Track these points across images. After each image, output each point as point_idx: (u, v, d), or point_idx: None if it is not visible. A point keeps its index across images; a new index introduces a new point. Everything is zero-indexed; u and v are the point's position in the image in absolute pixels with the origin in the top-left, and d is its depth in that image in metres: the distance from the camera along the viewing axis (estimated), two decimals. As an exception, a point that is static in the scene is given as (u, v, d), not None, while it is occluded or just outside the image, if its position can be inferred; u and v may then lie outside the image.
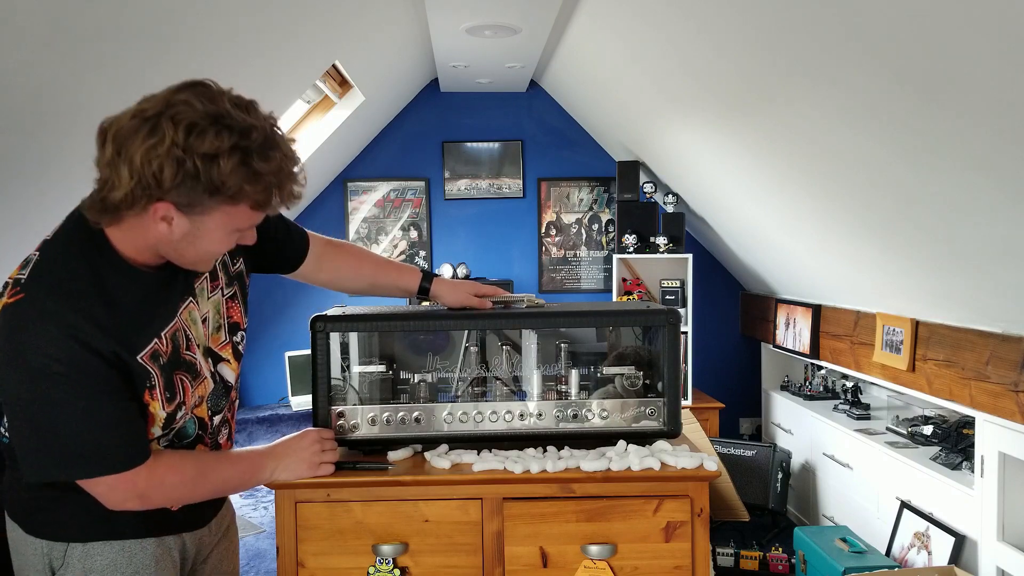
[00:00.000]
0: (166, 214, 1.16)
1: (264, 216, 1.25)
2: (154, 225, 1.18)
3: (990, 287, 2.20)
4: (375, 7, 2.96)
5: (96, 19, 1.62)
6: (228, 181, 1.13)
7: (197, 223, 1.18)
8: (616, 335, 1.66)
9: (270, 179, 1.17)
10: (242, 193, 1.15)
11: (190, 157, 1.11)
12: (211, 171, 1.12)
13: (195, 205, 1.16)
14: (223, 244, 1.25)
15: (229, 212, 1.19)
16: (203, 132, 1.11)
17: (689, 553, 1.40)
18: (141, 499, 1.24)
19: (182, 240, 1.20)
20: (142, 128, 1.12)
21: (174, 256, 1.24)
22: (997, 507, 2.31)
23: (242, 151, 1.13)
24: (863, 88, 1.92)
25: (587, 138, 4.76)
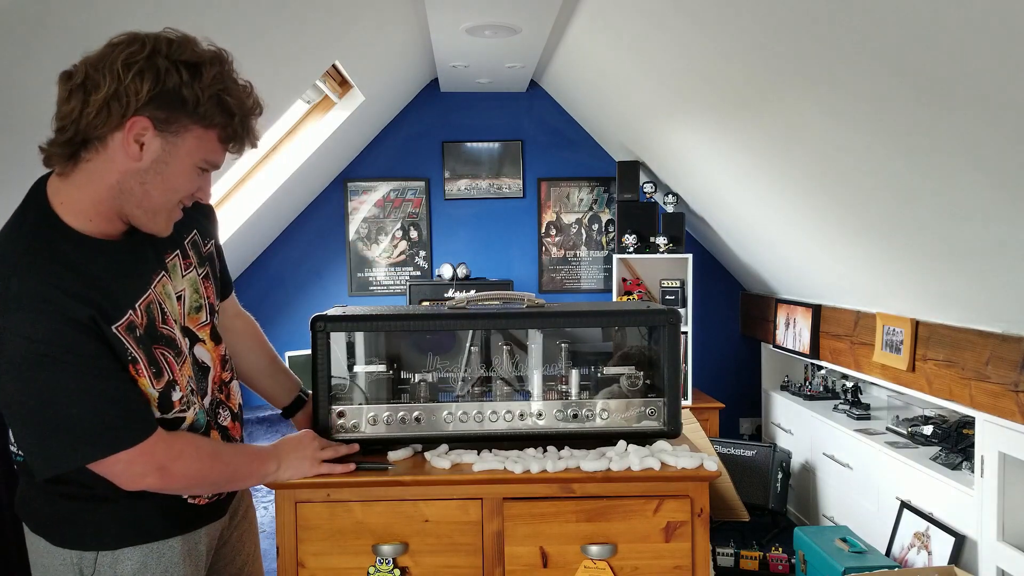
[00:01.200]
0: (140, 133, 1.12)
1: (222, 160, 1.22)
2: (123, 154, 1.12)
3: (990, 287, 2.20)
4: (375, 7, 2.96)
5: (95, 19, 1.62)
6: (207, 92, 1.12)
7: (170, 146, 1.14)
8: (622, 335, 1.66)
9: (245, 101, 1.18)
10: (217, 112, 1.15)
11: (174, 65, 1.10)
12: (194, 81, 1.12)
13: (172, 122, 1.13)
14: (189, 181, 1.20)
15: (201, 137, 1.16)
16: (182, 44, 1.13)
17: (689, 553, 1.40)
18: (161, 472, 1.20)
19: (151, 169, 1.15)
20: (118, 46, 1.11)
21: (136, 199, 1.17)
22: (997, 507, 2.31)
23: (220, 66, 1.15)
24: (863, 88, 1.92)
25: (587, 138, 4.76)
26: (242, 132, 1.20)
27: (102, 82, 1.09)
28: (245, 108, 1.19)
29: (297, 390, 1.68)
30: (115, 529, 1.26)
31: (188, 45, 1.14)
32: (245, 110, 1.19)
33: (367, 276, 4.74)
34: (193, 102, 1.12)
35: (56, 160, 1.15)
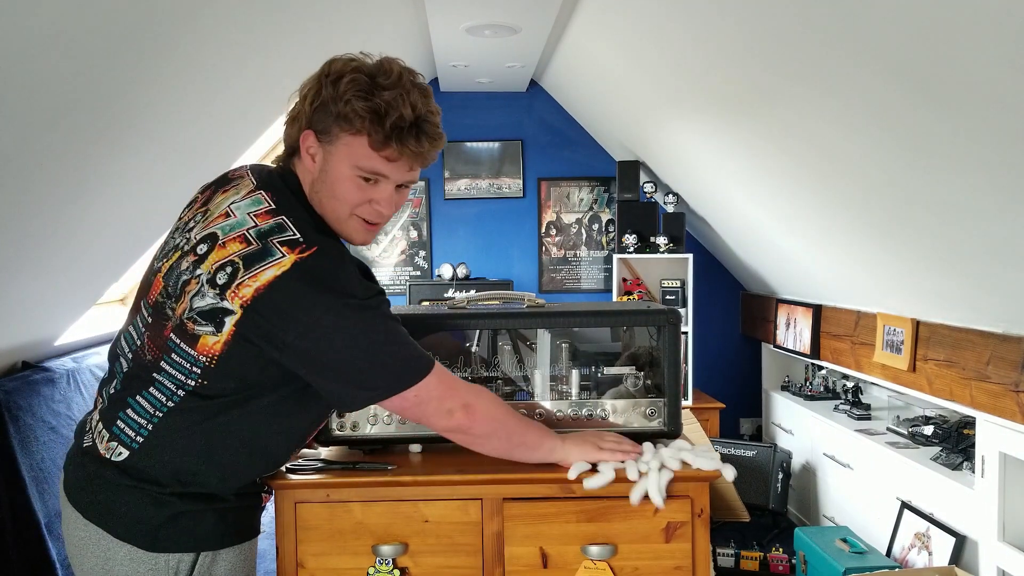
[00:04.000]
0: (310, 145, 1.27)
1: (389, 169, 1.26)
2: (304, 163, 1.29)
3: (990, 287, 2.20)
4: (375, 7, 2.96)
5: (93, 22, 1.62)
6: (344, 97, 1.22)
7: (328, 154, 1.26)
8: (630, 335, 1.65)
9: (383, 108, 1.22)
10: (356, 116, 1.22)
11: (325, 82, 1.25)
12: (335, 88, 1.23)
13: (326, 132, 1.25)
14: (349, 188, 1.27)
15: (349, 143, 1.25)
16: (344, 64, 1.26)
17: (689, 553, 1.40)
18: (467, 410, 1.29)
19: (320, 178, 1.28)
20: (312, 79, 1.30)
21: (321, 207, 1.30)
22: (997, 507, 2.31)
23: (366, 76, 1.24)
24: (863, 89, 1.92)
25: (587, 138, 4.75)
26: (393, 138, 1.23)
27: (293, 106, 1.31)
28: (387, 112, 1.23)
29: None
30: (219, 529, 1.29)
31: (347, 62, 1.26)
32: (393, 116, 1.23)
33: (367, 276, 4.74)
34: (336, 110, 1.23)
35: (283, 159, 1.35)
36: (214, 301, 1.20)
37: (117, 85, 1.87)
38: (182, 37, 1.97)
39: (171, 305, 1.25)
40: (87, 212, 2.16)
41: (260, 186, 1.30)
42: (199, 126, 2.38)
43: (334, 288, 1.20)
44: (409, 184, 1.33)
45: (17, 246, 2.00)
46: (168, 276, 1.27)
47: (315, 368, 1.22)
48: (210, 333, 1.21)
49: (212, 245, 1.24)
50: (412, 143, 1.25)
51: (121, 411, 1.27)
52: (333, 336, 1.20)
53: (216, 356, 1.21)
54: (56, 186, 1.96)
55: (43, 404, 2.34)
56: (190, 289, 1.23)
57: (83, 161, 1.98)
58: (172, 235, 1.36)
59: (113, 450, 1.26)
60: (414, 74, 1.30)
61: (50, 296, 2.35)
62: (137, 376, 1.27)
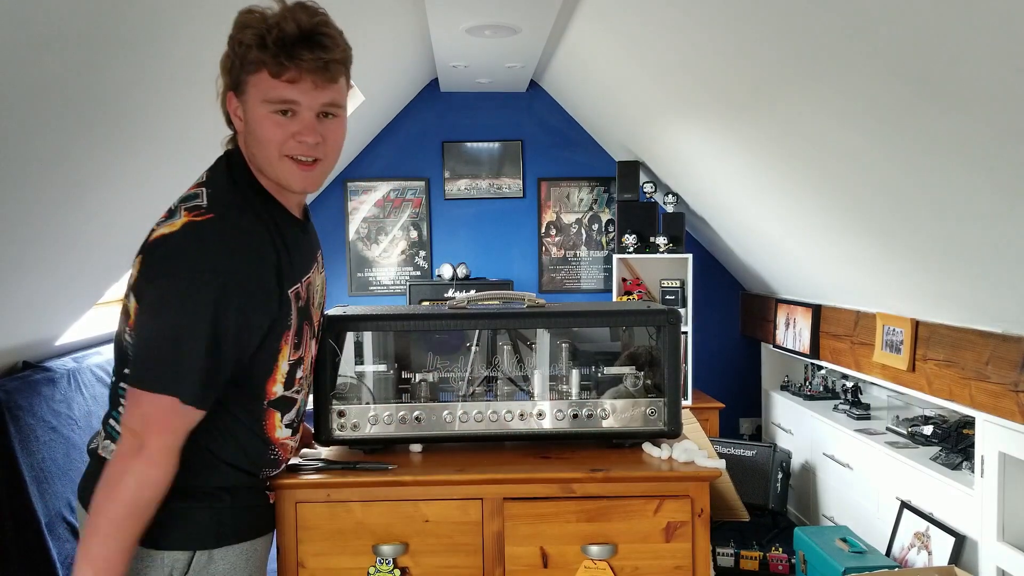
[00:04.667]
0: (235, 106, 1.28)
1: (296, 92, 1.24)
2: (238, 129, 1.30)
3: (990, 287, 2.20)
4: (375, 7, 2.96)
5: (90, 20, 1.62)
6: (241, 43, 1.23)
7: (244, 104, 1.27)
8: (629, 335, 1.66)
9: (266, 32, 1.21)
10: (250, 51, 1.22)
11: (232, 41, 1.26)
12: (234, 43, 1.25)
13: (238, 84, 1.26)
14: (269, 128, 1.25)
15: (256, 84, 1.24)
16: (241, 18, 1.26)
17: (689, 553, 1.40)
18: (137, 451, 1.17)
19: (247, 131, 1.28)
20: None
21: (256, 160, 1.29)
22: (997, 507, 2.31)
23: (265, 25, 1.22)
24: (863, 89, 1.92)
25: (587, 138, 4.75)
26: (283, 56, 1.21)
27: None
28: (275, 31, 1.21)
29: None
30: (216, 528, 1.28)
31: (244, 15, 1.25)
32: (275, 33, 1.21)
33: (367, 276, 4.74)
34: (238, 59, 1.24)
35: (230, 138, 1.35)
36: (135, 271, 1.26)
37: (117, 86, 1.87)
38: (182, 37, 1.97)
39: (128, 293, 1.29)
40: (88, 213, 2.16)
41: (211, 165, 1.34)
42: (199, 126, 2.39)
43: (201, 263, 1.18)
44: (330, 110, 1.28)
45: (18, 246, 2.00)
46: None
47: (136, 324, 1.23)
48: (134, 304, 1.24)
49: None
50: (306, 55, 1.21)
51: (114, 409, 1.29)
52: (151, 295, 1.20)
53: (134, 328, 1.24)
54: (57, 186, 1.96)
55: (44, 404, 2.34)
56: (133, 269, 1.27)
57: (84, 162, 1.98)
58: None
59: (107, 448, 1.27)
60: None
61: (51, 296, 2.35)
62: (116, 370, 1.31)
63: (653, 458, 1.48)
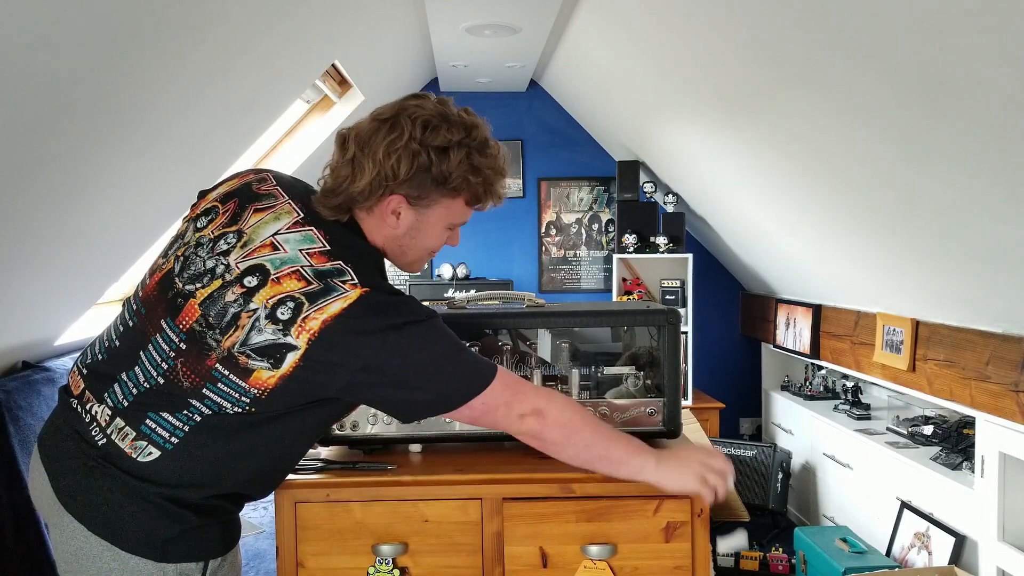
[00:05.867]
0: (397, 207, 1.29)
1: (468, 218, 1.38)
2: (384, 220, 1.31)
3: (990, 287, 2.20)
4: (375, 7, 2.96)
5: (89, 23, 1.62)
6: (454, 172, 1.27)
7: (421, 216, 1.31)
8: (630, 335, 1.65)
9: (488, 173, 1.31)
10: (464, 185, 1.29)
11: (425, 150, 1.26)
12: (442, 163, 1.26)
13: (423, 197, 1.29)
14: (438, 239, 1.37)
15: (448, 206, 1.32)
16: (436, 128, 1.26)
17: (689, 553, 1.40)
18: (537, 416, 1.28)
19: (406, 234, 1.33)
20: (382, 128, 1.28)
21: (396, 254, 1.37)
22: (997, 507, 2.31)
23: (467, 146, 1.28)
24: (863, 89, 1.92)
25: (587, 138, 4.75)
26: (487, 195, 1.35)
27: (368, 167, 1.27)
28: (494, 172, 1.33)
29: None
30: (225, 537, 1.31)
31: (441, 128, 1.27)
32: (494, 174, 1.33)
33: (367, 276, 4.74)
34: (440, 180, 1.28)
35: (327, 209, 1.31)
36: (274, 337, 1.19)
37: (117, 86, 1.87)
38: (182, 37, 1.97)
39: (214, 336, 1.21)
40: (87, 213, 2.16)
41: (309, 220, 1.30)
42: (200, 126, 2.39)
43: (400, 311, 1.23)
44: None
45: (18, 246, 2.00)
46: (207, 305, 1.23)
47: (384, 383, 1.23)
48: (266, 368, 1.19)
49: (264, 279, 1.22)
50: (500, 191, 1.37)
51: (152, 412, 1.23)
52: (404, 350, 1.22)
53: (268, 389, 1.20)
54: (57, 187, 1.96)
55: (43, 404, 2.34)
56: (243, 323, 1.20)
57: (84, 162, 1.98)
58: (192, 248, 1.30)
59: (142, 450, 1.22)
60: (485, 123, 1.35)
61: (50, 296, 2.35)
62: (170, 395, 1.23)
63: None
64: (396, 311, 1.23)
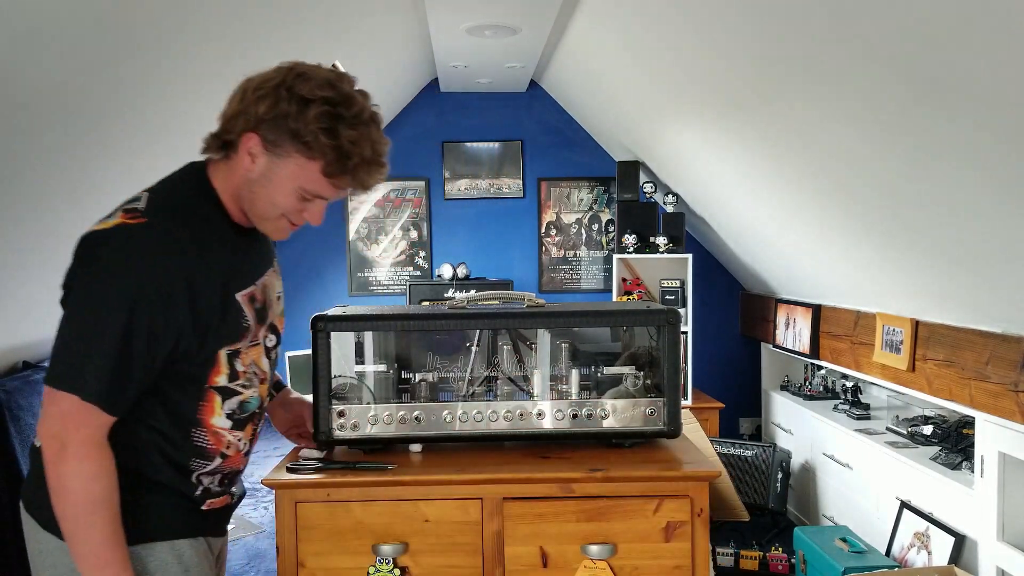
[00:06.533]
0: (253, 147, 1.27)
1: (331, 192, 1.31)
2: (241, 160, 1.28)
3: (990, 287, 2.20)
4: (375, 7, 2.96)
5: (93, 22, 1.62)
6: (309, 127, 1.23)
7: (273, 165, 1.28)
8: (630, 335, 1.66)
9: (346, 145, 1.25)
10: (317, 146, 1.24)
11: (288, 96, 1.24)
12: (299, 114, 1.23)
13: (277, 145, 1.26)
14: (288, 199, 1.30)
15: (302, 166, 1.27)
16: (308, 80, 1.25)
17: (689, 553, 1.40)
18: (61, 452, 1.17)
19: (258, 180, 1.29)
20: (270, 72, 1.29)
21: (248, 202, 1.32)
22: (997, 507, 2.31)
23: (333, 109, 1.24)
24: (863, 89, 1.92)
25: (587, 138, 4.75)
26: (343, 171, 1.28)
27: (238, 99, 1.28)
28: (359, 151, 1.26)
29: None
30: (144, 524, 1.27)
31: (312, 82, 1.25)
32: (358, 152, 1.26)
33: (367, 276, 4.74)
34: (295, 132, 1.24)
35: (210, 150, 1.33)
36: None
37: (117, 86, 1.87)
38: (182, 38, 1.97)
39: None
40: (87, 213, 2.16)
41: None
42: (200, 126, 2.39)
43: (123, 264, 1.20)
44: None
45: (18, 246, 2.00)
46: None
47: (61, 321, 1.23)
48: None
49: None
50: (364, 178, 1.30)
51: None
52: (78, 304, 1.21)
53: None
54: (57, 187, 1.96)
55: (43, 404, 2.34)
56: None
57: (83, 161, 1.98)
58: None
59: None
60: (375, 109, 1.32)
61: (50, 296, 2.35)
62: None
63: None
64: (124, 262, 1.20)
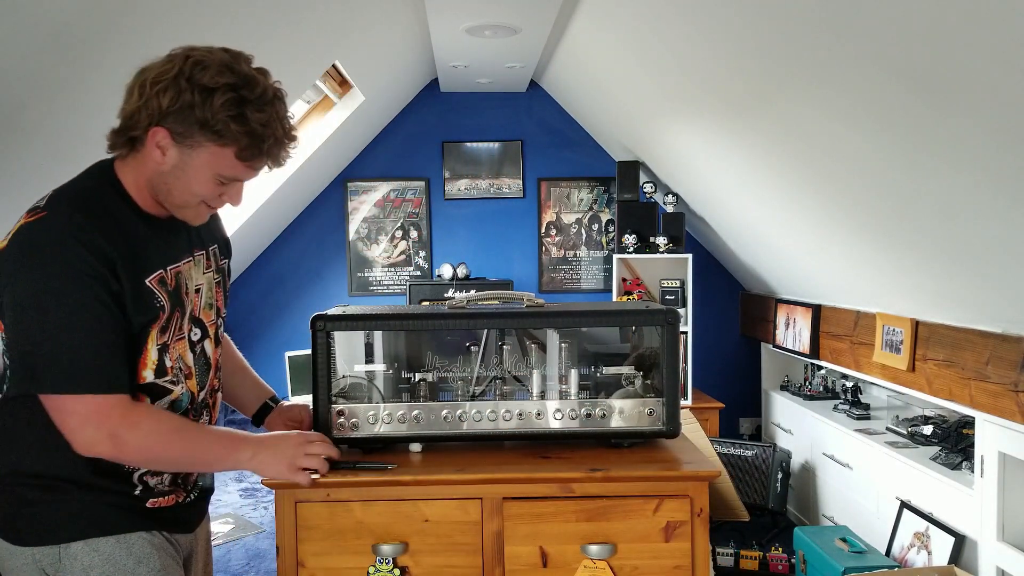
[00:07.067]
0: (161, 141, 1.25)
1: (249, 174, 1.31)
2: (151, 153, 1.26)
3: (990, 287, 2.20)
4: (375, 7, 2.96)
5: (90, 20, 1.62)
6: (217, 116, 1.22)
7: (186, 156, 1.26)
8: (638, 336, 1.65)
9: (257, 128, 1.25)
10: (228, 134, 1.23)
11: (190, 87, 1.22)
12: (205, 103, 1.21)
13: (187, 136, 1.24)
14: (206, 187, 1.30)
15: (216, 153, 1.26)
16: (207, 68, 1.22)
17: (689, 553, 1.40)
18: (113, 441, 1.22)
19: (171, 172, 1.27)
20: (159, 64, 1.26)
21: (164, 193, 1.30)
22: (997, 507, 2.31)
23: (238, 94, 1.23)
24: (863, 89, 1.92)
25: (587, 138, 4.76)
26: (258, 154, 1.28)
27: (137, 94, 1.25)
28: (269, 131, 1.26)
29: (266, 398, 1.69)
30: (75, 523, 1.26)
31: (211, 70, 1.22)
32: (269, 133, 1.26)
33: (367, 276, 4.74)
34: (203, 122, 1.23)
35: (116, 148, 1.30)
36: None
37: (117, 86, 1.87)
38: (183, 37, 1.97)
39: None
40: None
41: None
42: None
43: (44, 262, 1.18)
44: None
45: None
46: None
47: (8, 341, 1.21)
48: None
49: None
50: (279, 155, 1.31)
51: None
52: (26, 311, 1.18)
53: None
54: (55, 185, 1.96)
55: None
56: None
57: (83, 161, 1.98)
58: None
59: None
60: (277, 85, 1.31)
61: None
62: None
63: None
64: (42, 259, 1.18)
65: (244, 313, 4.63)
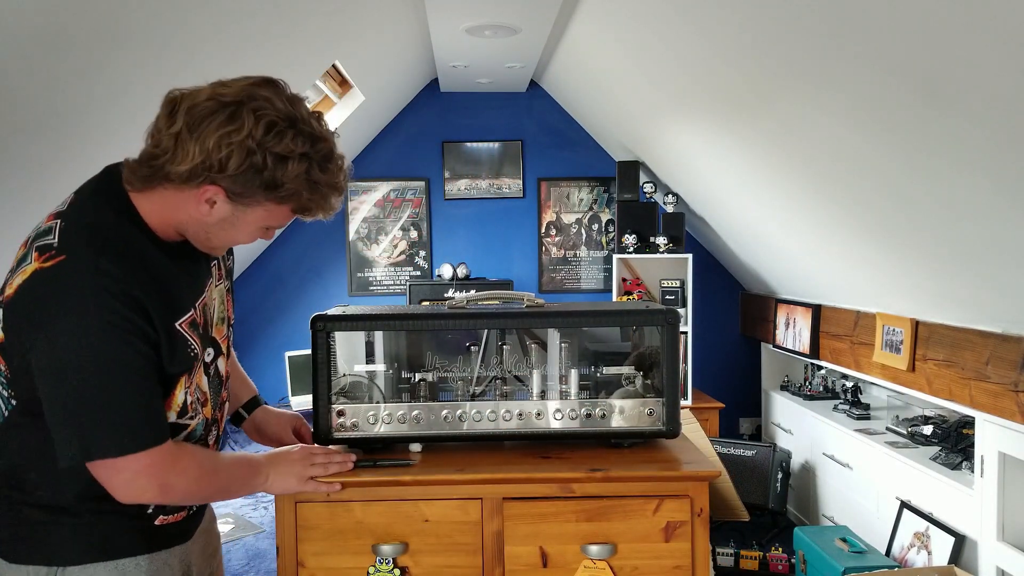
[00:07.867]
0: (212, 197, 1.18)
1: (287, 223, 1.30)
2: (194, 204, 1.19)
3: (990, 287, 2.20)
4: (375, 7, 2.96)
5: (93, 19, 1.62)
6: (288, 183, 1.18)
7: (239, 212, 1.22)
8: (640, 335, 1.65)
9: (324, 190, 1.23)
10: (295, 197, 1.21)
11: (262, 153, 1.15)
12: (276, 170, 1.16)
13: (246, 196, 1.19)
14: (252, 237, 1.28)
15: (271, 210, 1.23)
16: (281, 133, 1.16)
17: (689, 553, 1.40)
18: (161, 489, 1.20)
19: (216, 224, 1.22)
20: (220, 112, 1.15)
21: (199, 237, 1.25)
22: (997, 507, 2.31)
23: (309, 159, 1.19)
24: (863, 89, 1.92)
25: (587, 138, 4.76)
26: (318, 210, 1.26)
27: (193, 152, 1.14)
28: (332, 188, 1.24)
29: (255, 392, 1.66)
30: (77, 545, 1.22)
31: (287, 136, 1.16)
32: (331, 190, 1.25)
33: (367, 276, 4.74)
34: (271, 186, 1.18)
35: (136, 178, 1.20)
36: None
37: (116, 85, 1.87)
38: (183, 37, 1.97)
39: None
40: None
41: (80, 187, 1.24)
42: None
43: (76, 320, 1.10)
44: None
45: (16, 246, 2.00)
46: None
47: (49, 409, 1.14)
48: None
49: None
50: (334, 205, 1.28)
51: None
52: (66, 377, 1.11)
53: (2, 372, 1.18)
54: (56, 187, 1.96)
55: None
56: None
57: (83, 161, 1.98)
58: None
59: None
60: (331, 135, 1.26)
61: None
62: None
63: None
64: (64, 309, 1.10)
65: (244, 313, 4.63)
